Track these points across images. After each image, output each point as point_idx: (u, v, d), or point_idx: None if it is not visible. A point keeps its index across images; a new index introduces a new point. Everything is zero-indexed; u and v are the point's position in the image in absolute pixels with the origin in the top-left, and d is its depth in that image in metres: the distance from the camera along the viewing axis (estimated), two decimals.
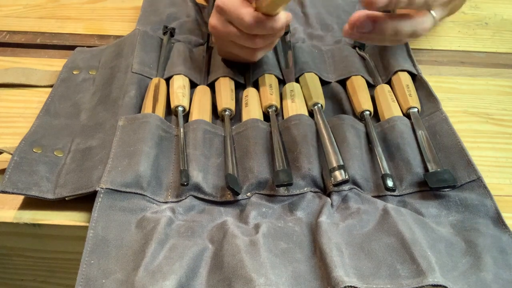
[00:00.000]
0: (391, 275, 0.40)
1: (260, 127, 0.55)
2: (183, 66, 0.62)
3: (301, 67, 0.64)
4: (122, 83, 0.59)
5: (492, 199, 0.48)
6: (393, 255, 0.42)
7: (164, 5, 0.75)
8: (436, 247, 0.43)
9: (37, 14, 0.76)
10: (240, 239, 0.43)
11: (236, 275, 0.40)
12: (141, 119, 0.54)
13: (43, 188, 0.48)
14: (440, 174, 0.49)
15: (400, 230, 0.44)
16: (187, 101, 0.58)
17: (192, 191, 0.49)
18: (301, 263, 0.42)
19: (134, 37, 0.65)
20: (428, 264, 0.40)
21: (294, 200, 0.49)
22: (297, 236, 0.45)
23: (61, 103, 0.58)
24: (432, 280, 0.39)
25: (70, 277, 0.51)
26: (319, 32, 0.73)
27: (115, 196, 0.47)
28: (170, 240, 0.44)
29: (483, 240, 0.44)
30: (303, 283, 0.41)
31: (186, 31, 0.70)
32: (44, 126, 0.55)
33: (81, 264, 0.41)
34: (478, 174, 0.49)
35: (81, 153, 0.52)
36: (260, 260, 0.41)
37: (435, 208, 0.48)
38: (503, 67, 0.69)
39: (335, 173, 0.49)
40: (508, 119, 0.60)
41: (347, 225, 0.46)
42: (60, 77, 0.62)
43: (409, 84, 0.61)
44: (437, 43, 0.73)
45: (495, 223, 0.46)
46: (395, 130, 0.55)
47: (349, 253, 0.43)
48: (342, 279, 0.39)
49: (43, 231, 0.47)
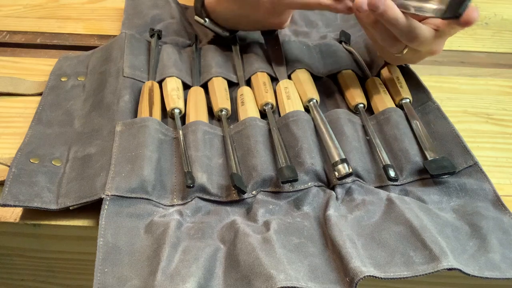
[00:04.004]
0: (405, 262, 0.41)
1: (259, 125, 0.55)
2: (174, 68, 0.62)
3: (292, 63, 0.64)
4: (114, 88, 0.58)
5: (490, 182, 0.49)
6: (405, 243, 0.43)
7: (147, 7, 0.74)
8: (444, 232, 0.44)
9: (37, 14, 0.75)
10: (252, 237, 0.44)
11: (255, 273, 0.40)
12: (139, 123, 0.53)
13: (45, 199, 0.47)
14: (439, 161, 0.51)
15: (407, 218, 0.45)
16: (182, 103, 0.58)
17: (198, 193, 0.49)
18: (315, 256, 0.43)
19: (122, 41, 0.64)
20: (440, 249, 0.41)
21: (299, 195, 0.49)
22: (307, 231, 0.46)
23: (53, 111, 0.57)
24: (446, 264, 0.40)
25: (70, 277, 0.51)
26: (304, 28, 0.74)
27: (121, 202, 0.46)
28: (182, 243, 0.44)
29: (486, 223, 0.46)
30: (320, 276, 0.41)
31: (172, 33, 0.70)
32: (38, 135, 0.54)
33: (95, 273, 0.41)
34: (475, 159, 0.51)
35: (81, 161, 0.51)
36: (276, 256, 0.41)
37: (436, 194, 0.50)
38: (503, 67, 0.70)
39: (338, 167, 0.50)
40: (508, 119, 0.61)
41: (355, 217, 0.46)
42: (49, 85, 0.60)
43: (399, 76, 0.62)
44: None
45: (495, 206, 0.48)
46: (390, 121, 0.56)
47: (361, 244, 0.44)
48: (360, 270, 0.40)
49: (43, 231, 0.47)
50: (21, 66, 0.65)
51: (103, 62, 0.63)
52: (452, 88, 0.65)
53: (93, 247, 0.43)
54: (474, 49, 0.73)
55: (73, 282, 0.52)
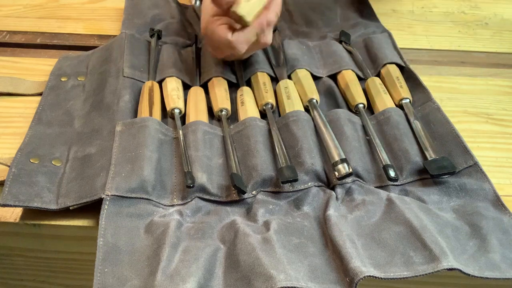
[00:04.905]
0: (405, 262, 0.41)
1: (259, 125, 0.55)
2: (174, 68, 0.62)
3: (291, 63, 0.64)
4: (114, 88, 0.58)
5: (490, 182, 0.49)
6: (405, 243, 0.43)
7: (147, 7, 0.74)
8: (444, 232, 0.44)
9: (37, 14, 0.75)
10: (252, 237, 0.44)
11: (255, 273, 0.40)
12: (139, 123, 0.53)
13: (45, 199, 0.47)
14: (439, 161, 0.51)
15: (407, 218, 0.45)
16: (182, 103, 0.58)
17: (198, 193, 0.49)
18: (315, 256, 0.43)
19: (122, 41, 0.64)
20: (440, 249, 0.41)
21: (299, 195, 0.49)
22: (307, 231, 0.46)
23: (53, 111, 0.57)
24: (446, 264, 0.40)
25: (70, 277, 0.51)
26: (304, 28, 0.74)
27: (121, 202, 0.46)
28: (182, 243, 0.44)
29: (486, 223, 0.46)
30: (320, 276, 0.41)
31: (172, 33, 0.70)
32: (38, 135, 0.54)
33: (95, 273, 0.41)
34: (475, 159, 0.51)
35: (81, 161, 0.51)
36: (276, 256, 0.41)
37: (436, 195, 0.50)
38: (503, 67, 0.70)
39: (339, 167, 0.50)
40: (508, 119, 0.61)
41: (355, 217, 0.46)
42: (49, 85, 0.60)
43: (398, 76, 0.62)
44: (437, 43, 0.74)
45: (495, 206, 0.48)
46: (390, 121, 0.56)
47: (361, 244, 0.44)
48: (360, 270, 0.40)
49: (43, 231, 0.47)
50: (21, 66, 0.65)
51: (103, 62, 0.63)
52: (452, 88, 0.65)
53: (93, 247, 0.43)
54: (474, 49, 0.73)
55: (73, 282, 0.52)
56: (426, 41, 0.74)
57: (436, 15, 0.80)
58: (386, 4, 0.81)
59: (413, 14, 0.80)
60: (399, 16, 0.80)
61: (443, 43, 0.74)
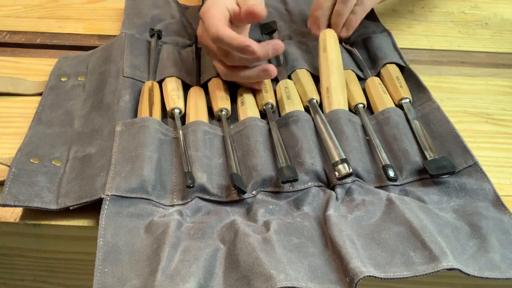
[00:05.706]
0: (405, 262, 0.41)
1: (259, 125, 0.55)
2: (174, 68, 0.62)
3: (291, 63, 0.64)
4: (114, 88, 0.58)
5: (490, 182, 0.49)
6: (405, 243, 0.43)
7: (147, 7, 0.74)
8: (444, 232, 0.44)
9: (37, 14, 0.75)
10: (252, 237, 0.44)
11: (255, 273, 0.40)
12: (139, 123, 0.53)
13: (45, 199, 0.47)
14: (439, 161, 0.51)
15: (407, 218, 0.45)
16: (182, 103, 0.58)
17: (198, 193, 0.49)
18: (315, 257, 0.43)
19: (122, 41, 0.65)
20: (440, 249, 0.41)
21: (299, 195, 0.49)
22: (307, 231, 0.46)
23: (53, 111, 0.57)
24: (446, 265, 0.40)
25: (70, 277, 0.51)
26: (304, 28, 0.74)
27: (121, 202, 0.46)
28: (182, 243, 0.44)
29: (486, 223, 0.46)
30: (320, 276, 0.41)
31: (172, 33, 0.70)
32: (38, 135, 0.54)
33: (95, 273, 0.41)
34: (475, 159, 0.51)
35: (81, 161, 0.51)
36: (276, 256, 0.41)
37: (436, 195, 0.50)
38: (503, 67, 0.70)
39: (339, 167, 0.49)
40: (508, 119, 0.61)
41: (355, 217, 0.46)
42: (49, 85, 0.60)
43: (398, 76, 0.62)
44: (437, 43, 0.74)
45: (495, 206, 0.48)
46: (390, 121, 0.56)
47: (361, 244, 0.44)
48: (360, 270, 0.40)
49: (43, 231, 0.47)
50: (21, 66, 0.65)
51: (103, 62, 0.63)
52: (452, 88, 0.65)
53: (93, 247, 0.43)
54: (474, 49, 0.73)
55: (73, 282, 0.52)
56: (426, 41, 0.74)
57: (436, 15, 0.81)
58: (386, 4, 0.81)
59: (413, 14, 0.80)
60: (399, 16, 0.80)
61: (443, 43, 0.74)
